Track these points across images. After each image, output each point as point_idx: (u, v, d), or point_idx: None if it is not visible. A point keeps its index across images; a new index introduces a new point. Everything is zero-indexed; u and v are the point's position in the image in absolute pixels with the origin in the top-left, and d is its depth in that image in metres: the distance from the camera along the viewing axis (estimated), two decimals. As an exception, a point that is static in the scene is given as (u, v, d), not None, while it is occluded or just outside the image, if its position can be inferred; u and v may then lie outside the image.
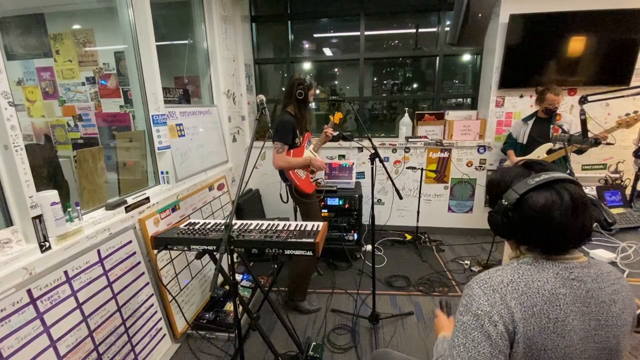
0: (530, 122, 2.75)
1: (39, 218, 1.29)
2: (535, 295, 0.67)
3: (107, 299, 1.58)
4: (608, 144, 2.29)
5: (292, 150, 2.13)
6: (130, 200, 1.84)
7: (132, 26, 1.98)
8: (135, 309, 1.74)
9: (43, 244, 1.32)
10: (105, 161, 1.94)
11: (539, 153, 2.59)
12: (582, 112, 1.94)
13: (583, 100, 1.96)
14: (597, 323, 0.69)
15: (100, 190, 1.79)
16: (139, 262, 1.81)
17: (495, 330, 0.66)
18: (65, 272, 1.40)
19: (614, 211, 1.65)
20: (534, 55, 2.99)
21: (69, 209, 1.49)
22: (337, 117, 2.46)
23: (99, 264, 1.57)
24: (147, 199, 1.95)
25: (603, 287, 0.71)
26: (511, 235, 0.78)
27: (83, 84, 2.76)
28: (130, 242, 1.77)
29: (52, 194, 1.33)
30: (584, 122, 1.95)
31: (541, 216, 0.70)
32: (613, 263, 1.28)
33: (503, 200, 0.75)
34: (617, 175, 1.98)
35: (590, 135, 1.91)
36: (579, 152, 2.60)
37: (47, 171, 1.60)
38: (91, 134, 2.83)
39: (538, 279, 0.69)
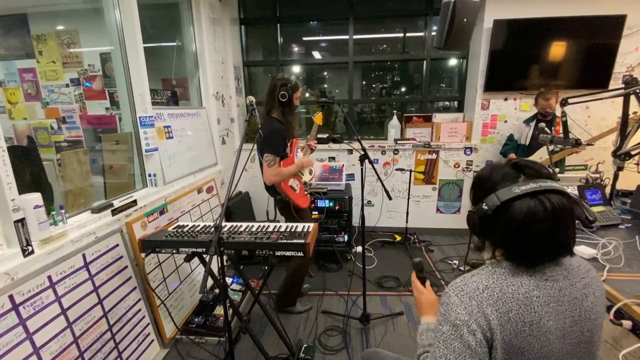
0: (532, 124, 2.79)
1: (21, 222, 1.26)
2: (510, 301, 0.68)
3: (92, 304, 1.54)
4: (589, 144, 2.37)
5: (282, 162, 1.98)
6: (117, 203, 1.81)
7: (118, 27, 1.96)
8: (122, 314, 1.70)
9: (25, 248, 1.28)
10: (91, 164, 1.90)
11: (542, 154, 2.62)
12: (563, 114, 2.01)
13: (564, 103, 2.02)
14: (572, 320, 0.70)
15: (85, 194, 1.75)
16: (126, 267, 1.78)
17: (474, 339, 0.67)
18: (49, 277, 1.36)
19: (595, 209, 1.71)
20: (518, 59, 3.08)
21: (53, 213, 1.46)
22: (319, 117, 2.22)
23: (84, 268, 1.53)
24: (134, 202, 1.92)
25: (574, 283, 0.71)
26: (487, 237, 0.77)
27: (67, 85, 2.71)
28: (116, 245, 1.74)
29: (35, 197, 1.30)
30: (565, 124, 2.02)
31: (522, 227, 0.68)
32: (594, 259, 1.32)
33: (483, 205, 0.72)
34: (597, 175, 2.04)
35: (571, 136, 1.97)
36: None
37: (29, 174, 1.55)
38: (76, 137, 2.77)
39: (512, 282, 0.70)
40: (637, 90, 1.71)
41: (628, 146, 1.85)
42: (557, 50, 3.02)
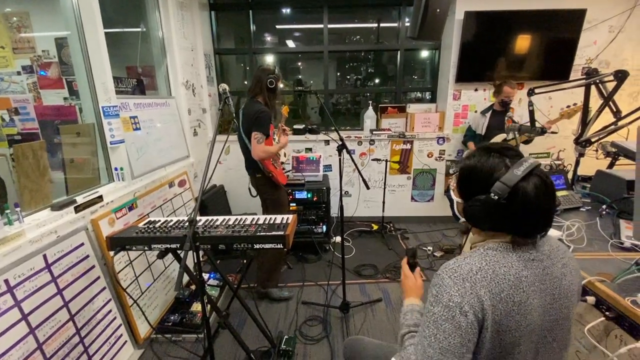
0: (488, 115, 2.94)
1: (-31, 222, 1.15)
2: (502, 281, 0.70)
3: (57, 307, 1.45)
4: (553, 132, 2.50)
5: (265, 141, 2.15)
6: (81, 199, 1.70)
7: (75, 10, 1.81)
8: (91, 316, 1.61)
9: (-24, 250, 1.17)
10: (50, 158, 1.76)
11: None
12: (530, 104, 2.10)
13: (531, 93, 2.11)
14: (552, 297, 0.73)
15: (43, 190, 1.62)
16: (93, 266, 1.68)
17: (466, 320, 0.67)
18: (6, 281, 1.25)
19: (558, 193, 1.81)
20: (487, 51, 3.18)
21: (7, 211, 1.34)
22: (285, 110, 2.56)
23: (46, 270, 1.43)
24: (100, 198, 1.81)
25: (555, 263, 0.75)
26: (491, 224, 0.75)
27: (19, 73, 2.47)
28: (82, 244, 1.63)
29: (-15, 195, 1.19)
30: (531, 113, 2.11)
31: (534, 203, 0.70)
32: (559, 240, 1.40)
33: (492, 195, 0.71)
34: (559, 162, 2.16)
35: (537, 125, 2.07)
36: (527, 142, 2.84)
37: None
38: (31, 129, 2.55)
39: (504, 264, 0.72)
40: (597, 81, 1.81)
41: (589, 134, 1.96)
42: (523, 42, 3.14)
